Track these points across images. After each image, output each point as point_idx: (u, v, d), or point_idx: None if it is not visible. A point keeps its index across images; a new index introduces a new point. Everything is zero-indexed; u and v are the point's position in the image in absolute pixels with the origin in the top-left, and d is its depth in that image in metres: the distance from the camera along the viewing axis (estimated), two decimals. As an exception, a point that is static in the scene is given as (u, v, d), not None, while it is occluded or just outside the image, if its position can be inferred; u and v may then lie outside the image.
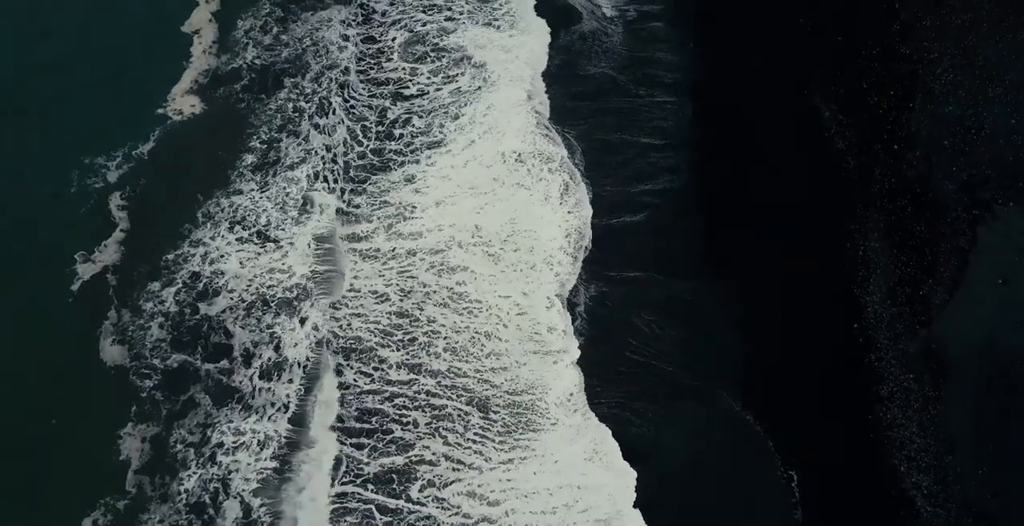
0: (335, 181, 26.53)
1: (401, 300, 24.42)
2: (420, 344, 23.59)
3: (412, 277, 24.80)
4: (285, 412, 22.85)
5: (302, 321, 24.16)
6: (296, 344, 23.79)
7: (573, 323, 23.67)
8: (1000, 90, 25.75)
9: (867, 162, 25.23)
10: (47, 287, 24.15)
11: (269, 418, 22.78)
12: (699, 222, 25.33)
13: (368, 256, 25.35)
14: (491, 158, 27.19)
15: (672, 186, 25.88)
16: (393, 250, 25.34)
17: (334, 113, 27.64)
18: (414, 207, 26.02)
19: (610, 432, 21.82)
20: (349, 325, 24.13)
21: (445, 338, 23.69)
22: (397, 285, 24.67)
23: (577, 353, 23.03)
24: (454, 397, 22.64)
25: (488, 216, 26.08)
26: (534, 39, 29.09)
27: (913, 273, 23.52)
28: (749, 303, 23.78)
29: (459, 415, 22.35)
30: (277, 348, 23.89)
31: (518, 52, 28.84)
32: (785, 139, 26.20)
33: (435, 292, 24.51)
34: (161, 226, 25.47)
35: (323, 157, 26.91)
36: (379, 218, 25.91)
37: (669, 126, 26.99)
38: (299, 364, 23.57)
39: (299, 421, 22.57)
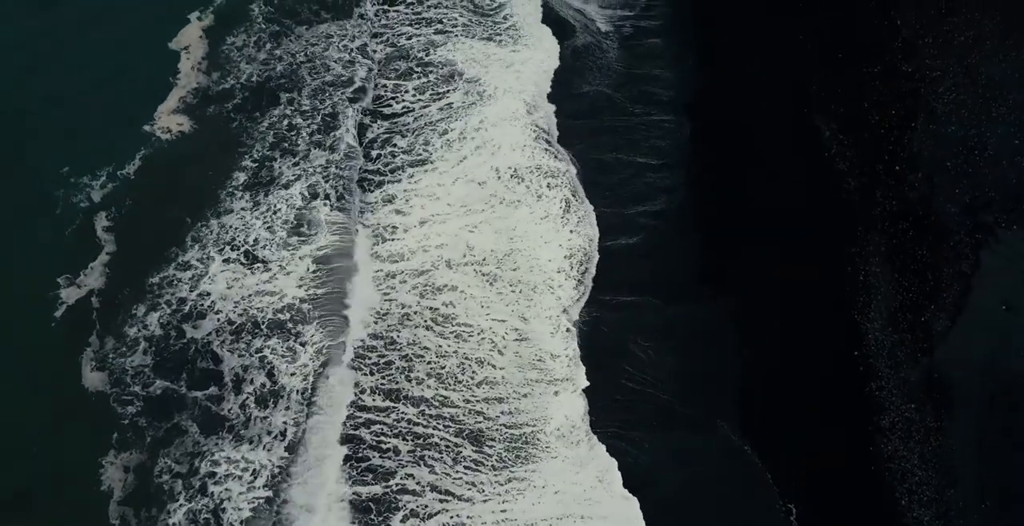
0: (336, 199, 25.81)
1: (375, 322, 23.83)
2: (397, 369, 22.94)
3: (390, 299, 24.19)
4: (282, 440, 22.30)
5: (303, 344, 23.58)
6: (294, 373, 23.19)
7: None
8: (1004, 110, 25.28)
9: (868, 184, 24.72)
10: (30, 313, 23.53)
11: (264, 447, 22.21)
12: (696, 245, 24.82)
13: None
14: (484, 174, 26.57)
15: (669, 207, 25.35)
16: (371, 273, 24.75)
17: (338, 130, 26.99)
18: (394, 228, 25.38)
19: (616, 463, 21.20)
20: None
21: (429, 363, 23.07)
22: (370, 308, 24.09)
23: (585, 382, 22.34)
24: (440, 427, 22.09)
25: (482, 235, 25.48)
26: (540, 55, 28.36)
27: (915, 298, 23.02)
28: (747, 330, 23.27)
29: (447, 446, 21.81)
30: (271, 374, 23.30)
31: (520, 68, 28.11)
32: (784, 160, 25.69)
33: (416, 313, 23.88)
34: (147, 248, 24.82)
35: (322, 175, 26.25)
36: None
37: (666, 146, 26.46)
38: (297, 391, 22.98)
39: (294, 448, 22.04)
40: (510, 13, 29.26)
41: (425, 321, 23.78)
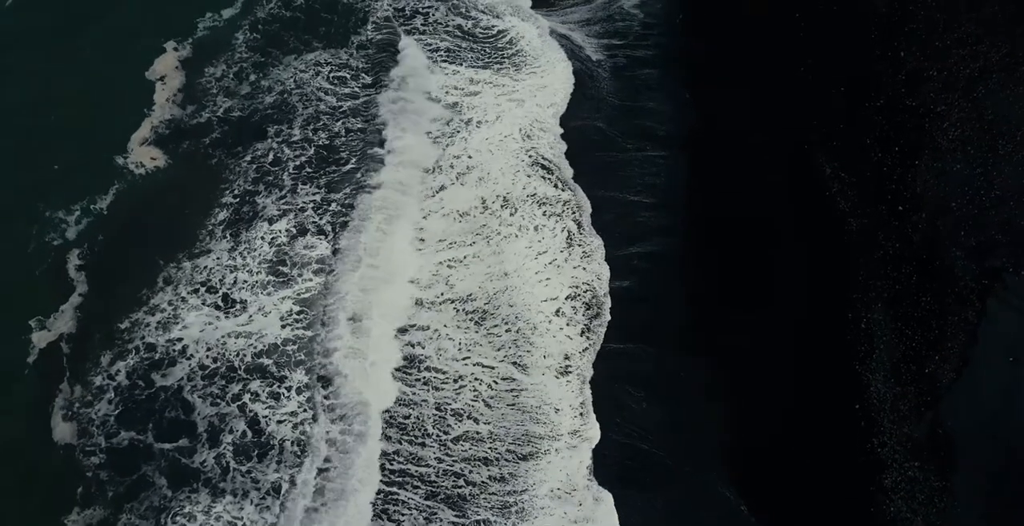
0: (324, 237, 24.73)
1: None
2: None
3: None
4: (275, 496, 21.24)
5: (289, 389, 22.51)
6: (282, 421, 22.12)
7: (554, 399, 22.15)
8: (1011, 147, 24.36)
9: (870, 225, 23.73)
10: (2, 360, 22.69)
11: (252, 502, 21.13)
12: (691, 289, 23.77)
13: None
14: (467, 204, 25.50)
15: (662, 249, 24.34)
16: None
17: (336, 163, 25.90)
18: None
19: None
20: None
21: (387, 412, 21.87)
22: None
23: (596, 435, 21.36)
24: (409, 489, 20.99)
25: (468, 271, 24.49)
26: (545, 80, 27.37)
27: (918, 348, 22.03)
28: (742, 380, 22.24)
29: (420, 508, 20.75)
30: (254, 423, 22.21)
31: (524, 95, 27.06)
32: (783, 199, 24.67)
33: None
34: (119, 289, 23.86)
35: (314, 209, 25.15)
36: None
37: (660, 183, 25.44)
38: (290, 442, 21.89)
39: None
40: (514, 38, 28.15)
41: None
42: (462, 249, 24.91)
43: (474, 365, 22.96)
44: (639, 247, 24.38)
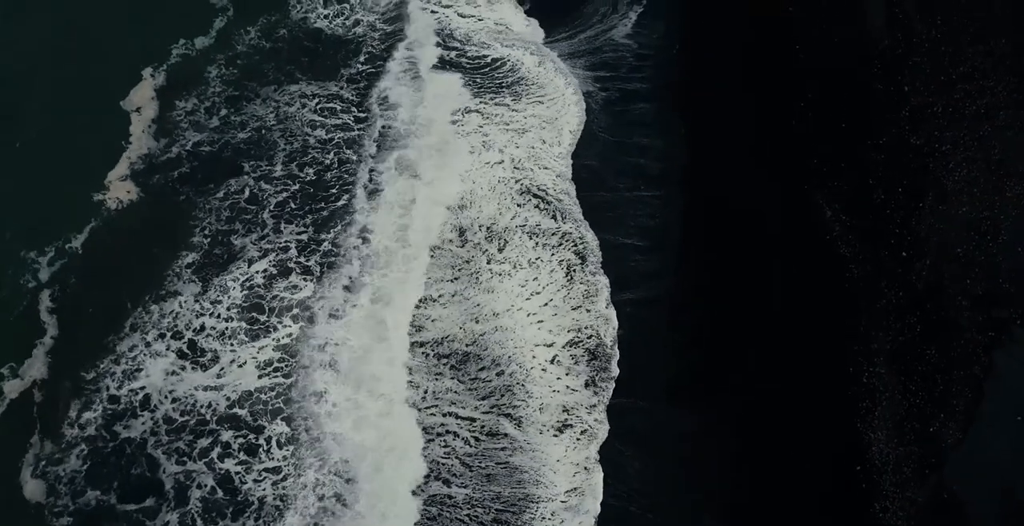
0: (307, 278, 23.62)
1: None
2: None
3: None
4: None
5: (268, 441, 21.48)
6: (259, 479, 21.08)
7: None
8: (1019, 189, 23.38)
9: (872, 272, 22.73)
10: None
11: None
12: (684, 339, 22.75)
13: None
14: (437, 236, 24.25)
15: (655, 295, 23.31)
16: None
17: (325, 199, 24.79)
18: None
19: None
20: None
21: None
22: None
23: (596, 509, 20.37)
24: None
25: (443, 311, 23.38)
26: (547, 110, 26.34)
27: (922, 405, 21.06)
28: (739, 440, 21.24)
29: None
30: (225, 482, 21.17)
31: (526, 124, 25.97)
32: (781, 243, 23.66)
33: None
34: (89, 335, 22.81)
35: (298, 250, 24.03)
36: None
37: (654, 225, 24.39)
38: (270, 499, 20.87)
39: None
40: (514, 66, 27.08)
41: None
42: (439, 286, 23.86)
43: (444, 416, 21.90)
44: (631, 293, 23.34)
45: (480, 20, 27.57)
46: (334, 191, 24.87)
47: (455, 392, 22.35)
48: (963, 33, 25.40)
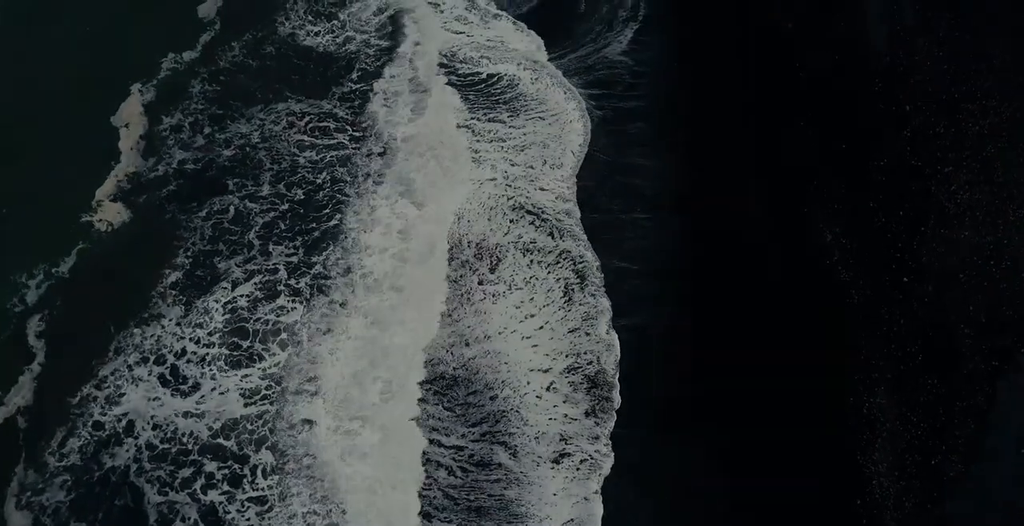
0: (296, 300, 23.09)
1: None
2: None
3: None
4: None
5: (253, 471, 20.95)
6: (242, 510, 20.55)
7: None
8: (1023, 212, 22.84)
9: (873, 298, 22.21)
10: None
11: None
12: (680, 368, 22.20)
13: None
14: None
15: (650, 322, 22.78)
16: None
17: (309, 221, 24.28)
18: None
19: None
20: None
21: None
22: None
23: None
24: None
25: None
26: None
27: (924, 437, 20.53)
28: (736, 473, 20.70)
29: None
30: (209, 514, 20.64)
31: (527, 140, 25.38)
32: (779, 268, 23.13)
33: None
34: (75, 360, 22.34)
35: (277, 275, 23.52)
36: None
37: (648, 247, 23.86)
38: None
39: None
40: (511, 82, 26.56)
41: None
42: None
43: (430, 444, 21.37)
44: (625, 319, 22.81)
45: (472, 36, 27.08)
46: (326, 211, 24.36)
47: (438, 419, 21.87)
48: (966, 51, 24.92)
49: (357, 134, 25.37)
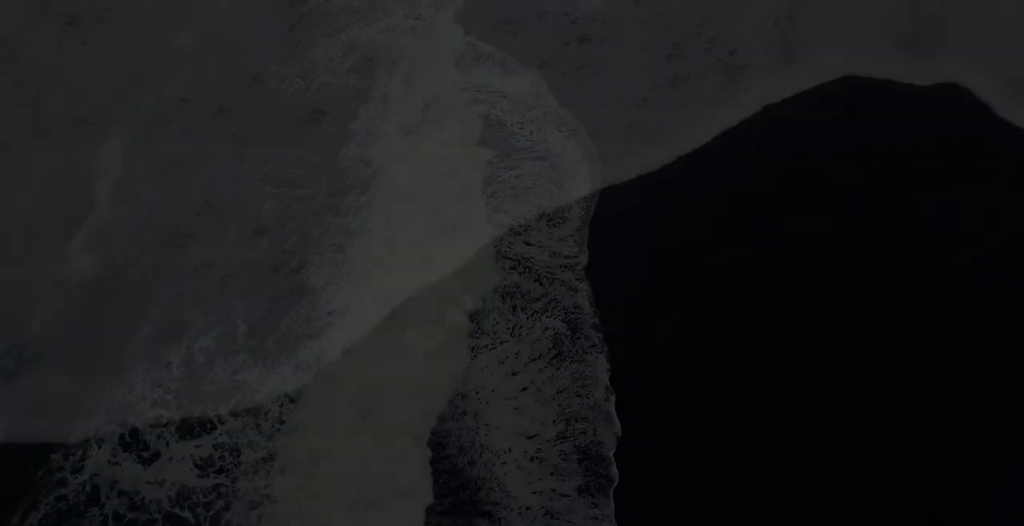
0: (255, 360, 22.42)
1: None
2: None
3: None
4: None
5: None
6: None
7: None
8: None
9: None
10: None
11: None
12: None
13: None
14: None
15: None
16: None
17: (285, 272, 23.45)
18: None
19: None
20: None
21: None
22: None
23: None
24: None
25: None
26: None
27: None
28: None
29: None
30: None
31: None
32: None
33: None
34: (37, 426, 22.18)
35: (238, 330, 22.83)
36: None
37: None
38: None
39: None
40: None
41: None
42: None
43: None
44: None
45: (452, 77, 25.74)
46: (293, 264, 23.48)
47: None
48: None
49: (327, 180, 24.32)
